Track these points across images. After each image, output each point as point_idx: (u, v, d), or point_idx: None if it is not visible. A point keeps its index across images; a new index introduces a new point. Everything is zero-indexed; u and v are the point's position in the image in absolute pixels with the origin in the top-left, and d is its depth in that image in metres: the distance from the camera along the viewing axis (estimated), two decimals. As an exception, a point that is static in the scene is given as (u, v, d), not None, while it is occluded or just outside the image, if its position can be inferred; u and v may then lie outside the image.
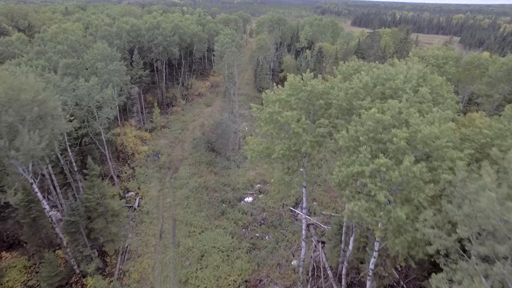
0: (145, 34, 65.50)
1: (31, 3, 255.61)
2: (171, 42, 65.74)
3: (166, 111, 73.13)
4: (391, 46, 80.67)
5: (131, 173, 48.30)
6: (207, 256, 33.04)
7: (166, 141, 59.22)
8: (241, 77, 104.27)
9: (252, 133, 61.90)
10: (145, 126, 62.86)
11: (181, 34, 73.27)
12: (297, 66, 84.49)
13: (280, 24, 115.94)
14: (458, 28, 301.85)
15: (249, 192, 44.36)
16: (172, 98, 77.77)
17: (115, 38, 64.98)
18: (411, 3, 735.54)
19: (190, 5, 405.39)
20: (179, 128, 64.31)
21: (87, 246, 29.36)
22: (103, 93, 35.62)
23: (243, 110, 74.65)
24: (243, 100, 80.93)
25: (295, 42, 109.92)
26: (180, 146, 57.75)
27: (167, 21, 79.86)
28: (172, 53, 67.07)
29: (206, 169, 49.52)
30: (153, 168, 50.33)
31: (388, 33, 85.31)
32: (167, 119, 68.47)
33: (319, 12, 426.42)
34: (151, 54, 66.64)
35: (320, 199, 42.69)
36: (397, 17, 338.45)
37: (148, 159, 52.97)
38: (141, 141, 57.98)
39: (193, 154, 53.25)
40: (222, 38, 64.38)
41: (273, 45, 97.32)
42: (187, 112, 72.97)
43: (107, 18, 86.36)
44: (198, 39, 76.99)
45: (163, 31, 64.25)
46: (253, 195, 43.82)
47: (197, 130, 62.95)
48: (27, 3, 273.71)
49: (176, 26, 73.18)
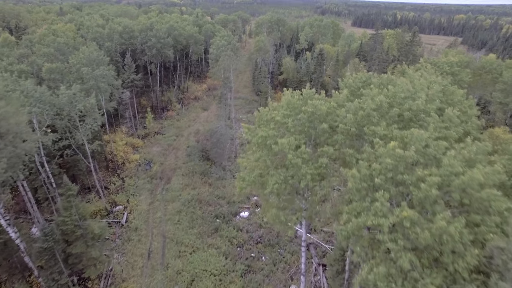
0: (138, 36, 62.65)
1: (30, 3, 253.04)
2: (165, 44, 62.87)
3: (161, 115, 70.29)
4: (394, 48, 77.83)
5: (120, 184, 45.46)
6: (198, 281, 30.23)
7: (159, 149, 56.38)
8: (239, 80, 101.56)
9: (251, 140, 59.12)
10: (137, 133, 60.03)
11: (176, 36, 70.44)
12: (297, 69, 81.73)
13: (279, 25, 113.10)
14: (459, 28, 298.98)
15: (245, 206, 41.51)
16: (168, 102, 74.91)
17: (106, 40, 62.19)
18: (412, 3, 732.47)
19: (190, 5, 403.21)
20: (173, 135, 61.45)
21: (64, 273, 26.50)
22: (86, 101, 32.76)
23: (241, 114, 71.83)
24: (240, 104, 78.16)
25: (295, 43, 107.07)
26: (174, 154, 54.92)
27: (162, 22, 77.13)
28: (166, 56, 64.21)
29: (200, 180, 46.71)
30: (144, 179, 47.50)
31: (391, 35, 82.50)
32: (161, 125, 65.63)
33: (319, 12, 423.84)
34: (144, 57, 63.77)
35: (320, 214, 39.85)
36: (398, 17, 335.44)
37: (140, 168, 50.14)
38: (133, 148, 55.15)
39: (187, 163, 50.43)
40: (218, 40, 61.46)
41: (272, 47, 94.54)
42: (182, 117, 70.12)
43: (100, 19, 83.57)
44: (194, 40, 74.12)
45: (156, 32, 61.38)
46: (249, 209, 40.97)
47: (192, 137, 60.17)
48: (26, 3, 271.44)
49: (171, 27, 70.34)
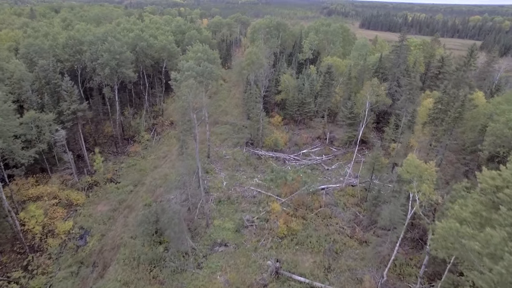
0: (87, 50, 47.32)
1: (28, 3, 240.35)
2: (123, 60, 47.51)
3: (123, 150, 54.94)
4: (421, 63, 61.53)
5: (24, 284, 30.00)
6: None
7: (106, 208, 40.95)
8: (231, 95, 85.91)
9: (233, 194, 43.53)
10: (82, 181, 44.68)
11: (144, 48, 55.03)
12: (298, 87, 65.84)
13: (279, 30, 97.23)
14: (475, 31, 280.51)
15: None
16: (136, 130, 59.52)
17: (48, 55, 47.05)
18: (420, 3, 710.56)
19: (193, 5, 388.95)
20: (131, 183, 46.01)
21: None
22: None
23: (225, 148, 56.24)
24: (227, 132, 62.52)
25: (297, 52, 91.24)
26: (124, 218, 39.45)
27: (130, 28, 61.70)
28: (126, 76, 48.81)
29: (147, 273, 31.17)
30: (70, 267, 32.10)
31: (417, 45, 66.07)
32: (118, 166, 50.22)
33: (325, 13, 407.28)
34: (96, 78, 48.43)
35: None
36: (409, 19, 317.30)
37: (67, 246, 34.73)
38: (68, 209, 39.82)
39: (135, 240, 34.99)
40: (192, 54, 45.67)
41: (270, 57, 78.76)
42: (150, 152, 54.67)
43: (60, 25, 68.49)
44: (168, 54, 58.54)
45: (110, 46, 45.93)
46: None
47: (156, 187, 44.75)
48: (24, 3, 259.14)
49: (138, 37, 54.94)
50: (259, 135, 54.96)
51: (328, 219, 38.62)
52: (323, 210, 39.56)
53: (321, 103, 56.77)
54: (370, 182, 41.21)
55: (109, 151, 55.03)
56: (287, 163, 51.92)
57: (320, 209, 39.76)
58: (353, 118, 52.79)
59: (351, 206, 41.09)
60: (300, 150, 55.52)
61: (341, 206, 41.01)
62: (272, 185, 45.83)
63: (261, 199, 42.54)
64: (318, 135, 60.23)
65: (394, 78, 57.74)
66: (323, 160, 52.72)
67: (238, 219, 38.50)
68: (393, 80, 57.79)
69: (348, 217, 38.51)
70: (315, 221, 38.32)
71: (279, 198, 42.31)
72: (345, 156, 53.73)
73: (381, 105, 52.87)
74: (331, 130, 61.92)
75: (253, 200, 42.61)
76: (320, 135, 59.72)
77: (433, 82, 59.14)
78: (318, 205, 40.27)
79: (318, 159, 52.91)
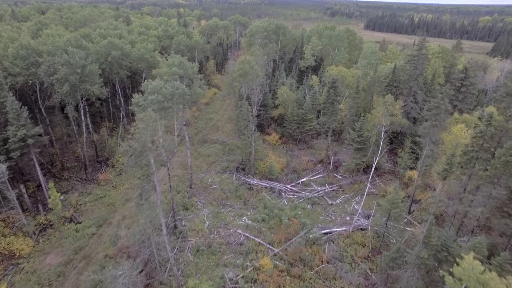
0: (43, 62, 39.45)
1: (29, 4, 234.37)
2: (87, 75, 39.60)
3: (93, 177, 47.14)
4: (441, 75, 53.04)
5: None
6: None
7: (56, 260, 33.04)
8: (224, 107, 78.02)
9: (216, 239, 35.51)
10: (31, 223, 36.71)
11: (118, 58, 47.17)
12: (298, 101, 57.72)
13: (278, 34, 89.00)
14: (485, 32, 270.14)
15: None
16: (111, 151, 51.73)
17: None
18: (425, 4, 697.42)
19: (194, 6, 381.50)
20: (95, 223, 38.09)
21: None
22: None
23: (211, 174, 48.23)
24: (215, 153, 54.50)
25: (298, 58, 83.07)
26: (77, 276, 31.51)
27: (104, 34, 53.90)
28: (90, 93, 40.88)
29: None
30: None
31: (436, 53, 57.21)
32: (84, 199, 42.36)
33: (329, 14, 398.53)
34: (55, 95, 40.59)
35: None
36: (416, 20, 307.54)
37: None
38: (4, 264, 31.89)
39: (82, 315, 27.06)
40: (165, 69, 37.48)
41: (267, 65, 70.71)
42: (123, 180, 46.74)
43: (30, 30, 60.82)
44: (146, 64, 50.59)
45: (70, 57, 38.00)
46: None
47: (122, 231, 36.82)
48: (25, 4, 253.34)
49: (110, 44, 47.06)
50: (251, 160, 46.85)
51: (331, 280, 30.43)
52: (326, 268, 31.38)
53: (324, 123, 48.52)
54: (385, 231, 33.03)
55: (77, 177, 47.26)
56: (284, 196, 43.76)
57: (322, 266, 31.60)
58: (362, 143, 44.53)
59: (361, 261, 32.84)
60: (299, 178, 47.34)
61: (348, 261, 32.78)
62: (264, 227, 37.75)
63: (249, 247, 34.44)
64: (320, 159, 51.96)
65: (411, 93, 49.40)
66: (326, 192, 44.48)
67: (219, 278, 30.50)
68: (409, 95, 49.47)
69: (357, 281, 30.23)
70: (315, 283, 30.18)
71: (271, 248, 34.21)
72: (352, 187, 45.46)
73: (396, 126, 44.66)
74: (335, 152, 53.66)
75: (239, 249, 34.54)
76: (323, 158, 51.45)
77: (455, 97, 50.77)
78: (319, 261, 32.12)
79: (320, 191, 44.69)
